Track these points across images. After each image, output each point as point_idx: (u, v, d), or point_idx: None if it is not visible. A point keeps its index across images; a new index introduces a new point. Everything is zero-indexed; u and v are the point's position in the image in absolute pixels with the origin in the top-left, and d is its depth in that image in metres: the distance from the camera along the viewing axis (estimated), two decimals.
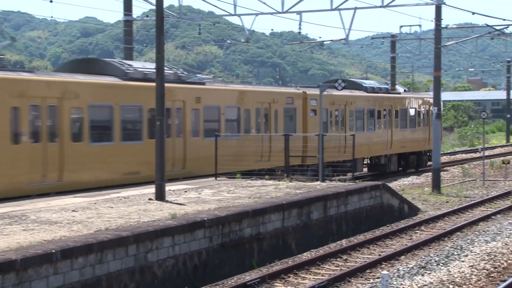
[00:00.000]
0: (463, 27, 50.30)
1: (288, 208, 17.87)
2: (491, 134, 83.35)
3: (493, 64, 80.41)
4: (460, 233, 20.15)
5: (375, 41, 51.68)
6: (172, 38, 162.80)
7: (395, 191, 23.92)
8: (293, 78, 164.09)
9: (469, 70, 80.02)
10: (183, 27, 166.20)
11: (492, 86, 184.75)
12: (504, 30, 38.14)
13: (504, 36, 42.38)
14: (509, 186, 31.38)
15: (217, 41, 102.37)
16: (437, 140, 29.79)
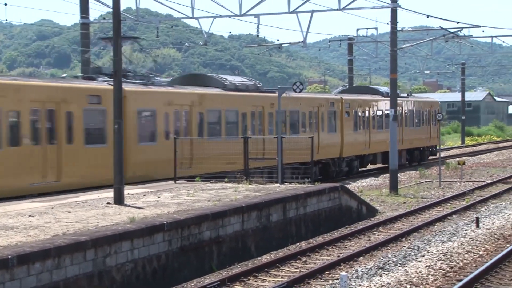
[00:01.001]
0: (419, 30, 50.98)
1: (247, 211, 17.88)
2: (446, 136, 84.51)
3: (448, 67, 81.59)
4: (417, 233, 20.38)
5: (333, 43, 52.02)
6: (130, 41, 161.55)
7: (353, 193, 24.09)
8: None
9: (425, 73, 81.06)
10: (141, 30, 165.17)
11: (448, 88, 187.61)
12: (458, 33, 38.75)
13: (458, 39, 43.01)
14: (465, 187, 31.85)
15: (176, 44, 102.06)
16: (393, 142, 30.09)
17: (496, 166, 43.13)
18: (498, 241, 18.41)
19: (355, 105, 37.62)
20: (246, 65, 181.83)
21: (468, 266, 15.61)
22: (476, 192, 30.19)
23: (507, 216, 21.90)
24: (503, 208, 24.09)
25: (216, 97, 27.41)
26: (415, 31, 48.35)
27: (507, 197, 27.97)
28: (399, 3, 29.28)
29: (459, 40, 44.79)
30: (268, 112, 30.25)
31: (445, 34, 40.13)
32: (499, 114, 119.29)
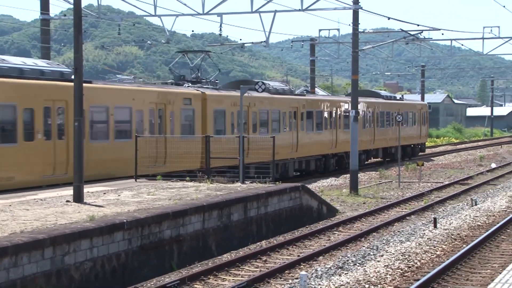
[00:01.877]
0: (380, 32, 51.41)
1: (208, 210, 17.85)
2: None
3: (408, 69, 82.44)
4: (376, 233, 20.56)
5: (295, 44, 52.20)
6: (92, 38, 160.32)
7: (314, 193, 24.20)
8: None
9: (385, 74, 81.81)
10: (102, 27, 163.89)
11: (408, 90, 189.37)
12: (418, 36, 39.17)
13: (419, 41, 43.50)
14: (423, 188, 32.21)
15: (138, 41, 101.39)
16: (354, 142, 30.29)
17: (454, 167, 43.73)
18: (455, 242, 18.67)
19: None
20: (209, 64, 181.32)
21: (425, 266, 15.80)
22: (434, 193, 30.57)
23: (464, 217, 22.22)
24: (460, 209, 24.43)
25: (265, 100, 32.86)
26: (377, 33, 48.77)
27: (464, 198, 28.37)
28: (360, 5, 29.49)
29: (419, 43, 45.30)
30: (301, 112, 35.61)
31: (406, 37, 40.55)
32: (457, 116, 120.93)
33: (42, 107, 21.11)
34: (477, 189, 32.02)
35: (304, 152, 35.79)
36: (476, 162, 47.38)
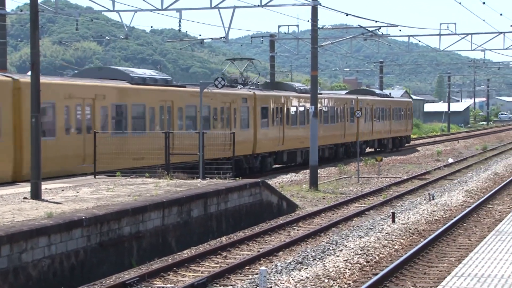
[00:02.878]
0: (338, 28, 51.71)
1: (168, 206, 17.78)
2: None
3: (367, 65, 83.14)
4: (336, 228, 20.70)
5: (255, 40, 52.22)
6: (49, 34, 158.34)
7: (274, 188, 24.27)
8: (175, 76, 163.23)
9: (344, 70, 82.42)
10: (60, 22, 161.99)
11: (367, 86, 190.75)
12: (377, 32, 39.45)
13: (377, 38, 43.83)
14: (382, 183, 32.51)
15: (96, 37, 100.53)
16: (314, 138, 30.42)
17: (412, 162, 44.23)
18: (413, 236, 18.89)
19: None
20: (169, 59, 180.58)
21: (384, 260, 15.96)
22: (392, 188, 30.87)
23: (421, 212, 22.48)
24: (418, 203, 24.72)
25: (295, 97, 39.01)
26: (335, 29, 49.02)
27: (422, 192, 28.72)
28: (319, 1, 29.61)
29: (378, 39, 45.63)
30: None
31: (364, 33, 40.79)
32: (415, 112, 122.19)
33: (159, 106, 27.82)
34: (434, 184, 32.43)
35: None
36: (434, 157, 47.98)
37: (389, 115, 52.91)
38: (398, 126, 54.94)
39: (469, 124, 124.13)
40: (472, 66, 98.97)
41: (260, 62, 49.02)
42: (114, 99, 25.93)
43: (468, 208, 23.35)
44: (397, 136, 55.05)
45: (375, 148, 52.68)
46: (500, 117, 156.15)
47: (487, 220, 21.80)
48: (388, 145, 53.49)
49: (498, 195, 27.63)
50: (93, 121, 24.80)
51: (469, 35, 44.67)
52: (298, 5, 29.05)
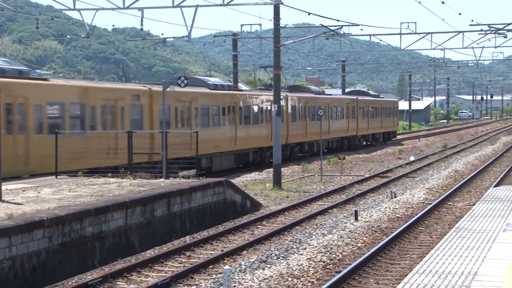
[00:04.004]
0: (301, 27, 51.85)
1: (131, 206, 17.67)
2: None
3: (329, 63, 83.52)
4: (299, 227, 20.77)
5: (218, 39, 52.18)
6: (9, 32, 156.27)
7: (238, 187, 24.26)
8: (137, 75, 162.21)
9: (307, 69, 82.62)
10: (20, 21, 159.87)
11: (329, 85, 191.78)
12: (338, 31, 39.66)
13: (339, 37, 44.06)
14: (345, 181, 32.71)
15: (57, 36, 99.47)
16: (277, 137, 30.50)
17: (374, 160, 44.57)
18: (375, 233, 19.04)
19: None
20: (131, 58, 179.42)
21: (347, 258, 16.06)
22: (355, 186, 31.08)
23: (383, 209, 22.67)
24: (380, 201, 24.92)
25: (319, 99, 48.04)
26: (298, 28, 49.18)
27: (384, 190, 28.96)
28: (281, 0, 29.68)
29: (339, 38, 45.89)
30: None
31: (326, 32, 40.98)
32: None
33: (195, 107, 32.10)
34: (396, 181, 32.73)
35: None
36: (396, 155, 48.41)
37: (380, 113, 60.59)
38: (388, 123, 62.89)
39: (430, 122, 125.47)
40: (432, 65, 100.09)
41: (223, 61, 49.51)
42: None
43: (429, 205, 23.61)
44: (386, 131, 63.03)
45: (370, 141, 59.91)
46: (460, 115, 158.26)
47: (447, 217, 22.08)
48: (379, 139, 61.48)
49: (458, 192, 27.99)
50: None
51: (429, 34, 45.16)
52: (261, 4, 29.10)
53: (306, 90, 48.53)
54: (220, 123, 34.71)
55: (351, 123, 52.92)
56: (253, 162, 38.53)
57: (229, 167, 36.20)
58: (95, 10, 29.71)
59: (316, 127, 44.00)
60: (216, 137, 34.28)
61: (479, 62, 70.65)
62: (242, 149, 36.97)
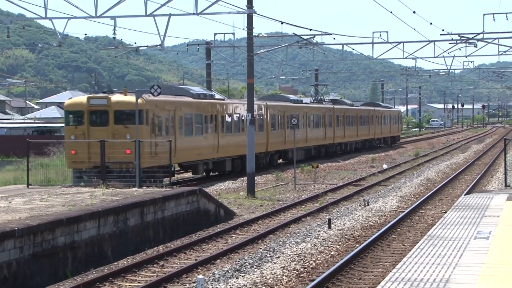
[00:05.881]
0: (274, 36, 52.03)
1: (104, 215, 17.56)
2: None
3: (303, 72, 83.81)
4: (273, 235, 20.77)
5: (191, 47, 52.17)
6: None
7: (211, 196, 24.23)
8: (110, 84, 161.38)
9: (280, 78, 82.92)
10: None
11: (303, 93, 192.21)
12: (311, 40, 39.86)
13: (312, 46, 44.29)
14: (318, 189, 32.79)
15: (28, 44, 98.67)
16: (251, 146, 30.49)
17: (348, 169, 44.75)
18: (349, 242, 19.11)
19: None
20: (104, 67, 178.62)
21: (320, 267, 16.09)
22: (328, 194, 31.17)
23: (356, 217, 22.77)
24: (353, 209, 25.02)
25: (297, 108, 49.61)
26: (271, 37, 49.35)
27: (357, 198, 29.07)
28: (254, 9, 29.73)
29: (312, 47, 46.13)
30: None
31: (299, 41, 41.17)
32: None
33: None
34: (369, 190, 32.89)
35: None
36: (368, 163, 48.66)
37: (389, 120, 72.51)
38: (394, 129, 74.96)
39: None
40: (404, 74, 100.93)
41: (196, 70, 49.44)
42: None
43: (401, 213, 23.75)
44: (393, 135, 75.18)
45: (380, 144, 70.79)
46: (432, 124, 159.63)
47: (420, 225, 22.22)
48: (388, 142, 73.00)
49: (430, 200, 28.20)
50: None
51: (401, 44, 45.58)
52: (234, 13, 29.14)
53: (284, 99, 48.99)
54: (203, 132, 34.84)
55: (328, 131, 54.54)
56: (235, 170, 38.77)
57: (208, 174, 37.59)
58: (67, 18, 29.55)
59: (297, 134, 44.40)
60: (200, 144, 34.53)
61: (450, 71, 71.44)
62: (223, 156, 37.15)
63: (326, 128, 53.95)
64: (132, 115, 27.59)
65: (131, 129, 27.66)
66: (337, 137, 56.08)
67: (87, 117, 28.88)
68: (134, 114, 26.64)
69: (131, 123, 27.79)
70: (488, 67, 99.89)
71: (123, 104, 28.82)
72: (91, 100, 29.15)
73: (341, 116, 56.92)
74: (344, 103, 62.44)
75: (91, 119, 28.94)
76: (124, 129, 28.45)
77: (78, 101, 29.70)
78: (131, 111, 27.51)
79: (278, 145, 44.64)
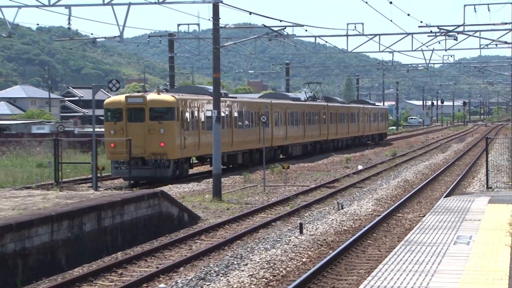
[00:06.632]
0: (242, 28, 52.06)
1: (57, 220, 17.42)
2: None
3: (273, 66, 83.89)
4: (241, 241, 20.78)
5: (152, 39, 51.95)
6: None
7: (174, 199, 24.17)
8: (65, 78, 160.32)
9: (249, 72, 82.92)
10: None
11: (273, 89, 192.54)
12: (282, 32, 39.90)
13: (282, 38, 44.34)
14: (289, 192, 32.87)
15: None
16: (217, 145, 30.44)
17: (320, 170, 44.94)
18: (321, 248, 19.19)
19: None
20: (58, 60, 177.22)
21: (291, 274, 16.13)
22: (300, 197, 31.27)
23: (330, 222, 22.87)
24: (326, 213, 25.12)
25: (297, 105, 55.27)
26: (239, 29, 49.35)
27: (331, 201, 29.21)
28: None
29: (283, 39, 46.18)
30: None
31: (269, 33, 41.16)
32: None
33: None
34: (343, 192, 33.06)
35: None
36: (343, 164, 48.91)
37: (377, 118, 77.97)
38: (378, 126, 79.61)
39: None
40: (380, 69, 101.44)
41: (158, 63, 50.14)
42: None
43: (377, 217, 23.91)
44: (378, 133, 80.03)
45: (367, 141, 75.46)
46: (410, 122, 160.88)
47: (397, 230, 22.39)
48: (376, 139, 78.24)
49: (408, 203, 28.43)
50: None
51: (377, 36, 45.80)
52: (198, 2, 29.08)
53: (285, 97, 55.86)
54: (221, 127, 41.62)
55: (323, 128, 60.18)
56: (244, 163, 44.44)
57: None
58: (17, 7, 29.24)
59: (296, 131, 53.31)
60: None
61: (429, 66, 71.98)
62: (237, 150, 43.22)
63: (321, 125, 59.60)
64: (165, 112, 34.31)
65: (165, 124, 33.93)
66: (331, 134, 61.74)
67: (125, 114, 34.40)
68: (167, 112, 34.09)
69: (164, 119, 33.94)
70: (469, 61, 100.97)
71: (157, 102, 34.69)
72: (128, 99, 35.00)
73: (334, 113, 62.42)
74: (337, 101, 67.96)
75: (128, 115, 34.49)
76: (158, 125, 34.18)
77: (117, 100, 35.46)
78: (164, 109, 33.22)
79: (280, 140, 50.71)
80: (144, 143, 33.79)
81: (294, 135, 52.52)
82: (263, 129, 37.61)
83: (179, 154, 34.62)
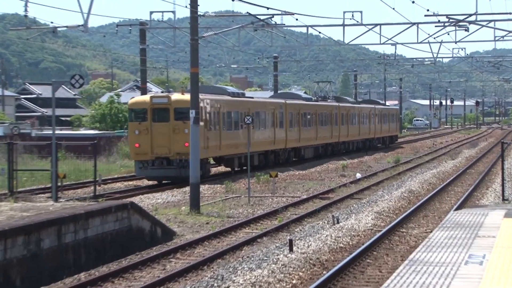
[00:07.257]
0: (224, 16, 52.14)
1: (11, 236, 17.38)
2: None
3: (259, 60, 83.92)
4: (222, 260, 20.77)
5: (121, 29, 51.84)
6: None
7: (146, 212, 24.15)
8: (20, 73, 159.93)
9: (232, 67, 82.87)
10: None
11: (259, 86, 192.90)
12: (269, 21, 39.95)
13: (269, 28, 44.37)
14: (277, 203, 32.87)
15: None
16: (195, 149, 30.39)
17: (313, 178, 44.98)
18: (314, 268, 19.20)
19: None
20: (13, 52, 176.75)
21: None
22: (290, 209, 31.28)
23: (324, 238, 22.88)
24: (320, 228, 25.15)
25: (310, 106, 59.83)
26: (220, 17, 49.48)
27: (325, 215, 29.24)
28: None
29: (271, 29, 46.24)
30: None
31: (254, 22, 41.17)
32: None
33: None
34: (339, 204, 33.10)
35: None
36: (339, 171, 48.98)
37: (388, 119, 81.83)
38: (392, 127, 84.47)
39: None
40: (381, 63, 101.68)
41: (128, 56, 50.65)
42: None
43: (378, 233, 23.95)
44: (391, 134, 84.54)
45: (377, 144, 79.19)
46: (415, 124, 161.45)
47: (400, 247, 22.44)
48: (386, 142, 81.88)
49: (413, 217, 28.51)
50: None
51: (378, 26, 45.96)
52: None
53: (297, 97, 60.50)
54: (240, 127, 44.97)
55: (334, 130, 64.16)
56: (260, 165, 48.24)
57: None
58: None
59: (309, 132, 57.23)
60: (237, 139, 44.56)
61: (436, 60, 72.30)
62: (254, 151, 46.01)
63: (332, 127, 63.43)
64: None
65: (189, 124, 33.97)
66: (342, 136, 65.64)
67: (150, 114, 38.69)
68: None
69: (188, 119, 34.09)
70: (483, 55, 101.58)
71: (182, 102, 38.23)
72: (153, 99, 39.36)
73: (345, 114, 66.08)
74: (347, 101, 72.03)
75: (153, 115, 38.71)
76: (183, 125, 37.79)
77: (142, 100, 40.21)
78: (188, 109, 33.60)
79: (294, 142, 54.55)
80: (169, 143, 38.34)
81: (307, 137, 56.36)
82: (274, 130, 43.95)
83: (203, 154, 37.19)
